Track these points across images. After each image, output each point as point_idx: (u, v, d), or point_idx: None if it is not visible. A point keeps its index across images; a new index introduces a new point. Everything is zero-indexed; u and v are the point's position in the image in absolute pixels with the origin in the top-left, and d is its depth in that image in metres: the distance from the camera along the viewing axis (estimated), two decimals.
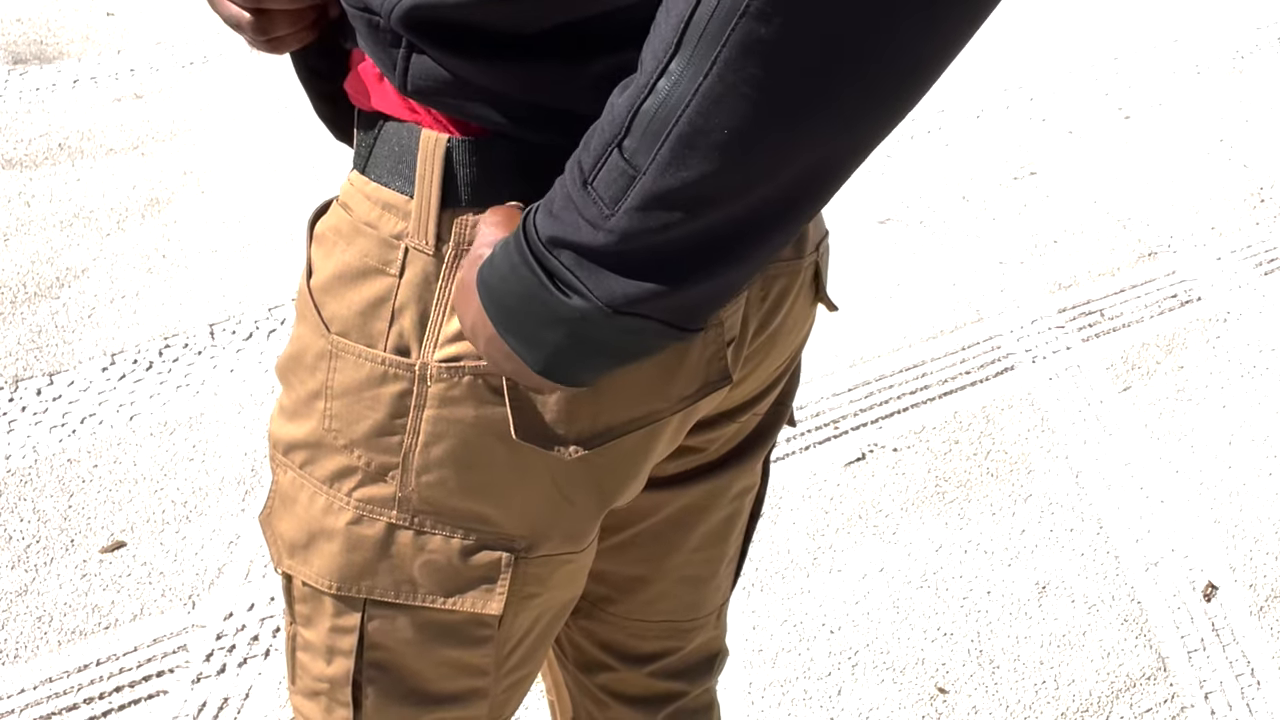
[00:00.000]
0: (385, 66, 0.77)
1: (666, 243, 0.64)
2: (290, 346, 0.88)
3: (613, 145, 0.63)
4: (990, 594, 2.06)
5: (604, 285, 0.66)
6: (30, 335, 2.50)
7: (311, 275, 0.86)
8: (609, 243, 0.64)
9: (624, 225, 0.63)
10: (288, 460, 0.89)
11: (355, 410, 0.84)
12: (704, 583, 1.11)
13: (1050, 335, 2.62)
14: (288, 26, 0.82)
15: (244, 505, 2.15)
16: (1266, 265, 2.86)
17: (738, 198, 0.62)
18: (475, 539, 0.86)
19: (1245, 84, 3.59)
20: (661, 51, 0.60)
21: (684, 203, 0.62)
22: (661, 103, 0.60)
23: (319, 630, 0.93)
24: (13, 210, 2.87)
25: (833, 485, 2.24)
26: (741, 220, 0.64)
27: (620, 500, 0.90)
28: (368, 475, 0.85)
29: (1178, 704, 1.90)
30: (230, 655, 1.90)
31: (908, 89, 0.61)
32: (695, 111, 0.59)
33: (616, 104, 0.63)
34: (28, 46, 3.55)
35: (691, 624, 1.14)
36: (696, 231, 0.63)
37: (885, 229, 2.92)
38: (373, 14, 0.75)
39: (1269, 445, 2.37)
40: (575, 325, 0.68)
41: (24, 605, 1.96)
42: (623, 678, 1.15)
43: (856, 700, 1.88)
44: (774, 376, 0.98)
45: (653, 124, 0.61)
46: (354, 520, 0.87)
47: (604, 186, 0.63)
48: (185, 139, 3.17)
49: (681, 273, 0.65)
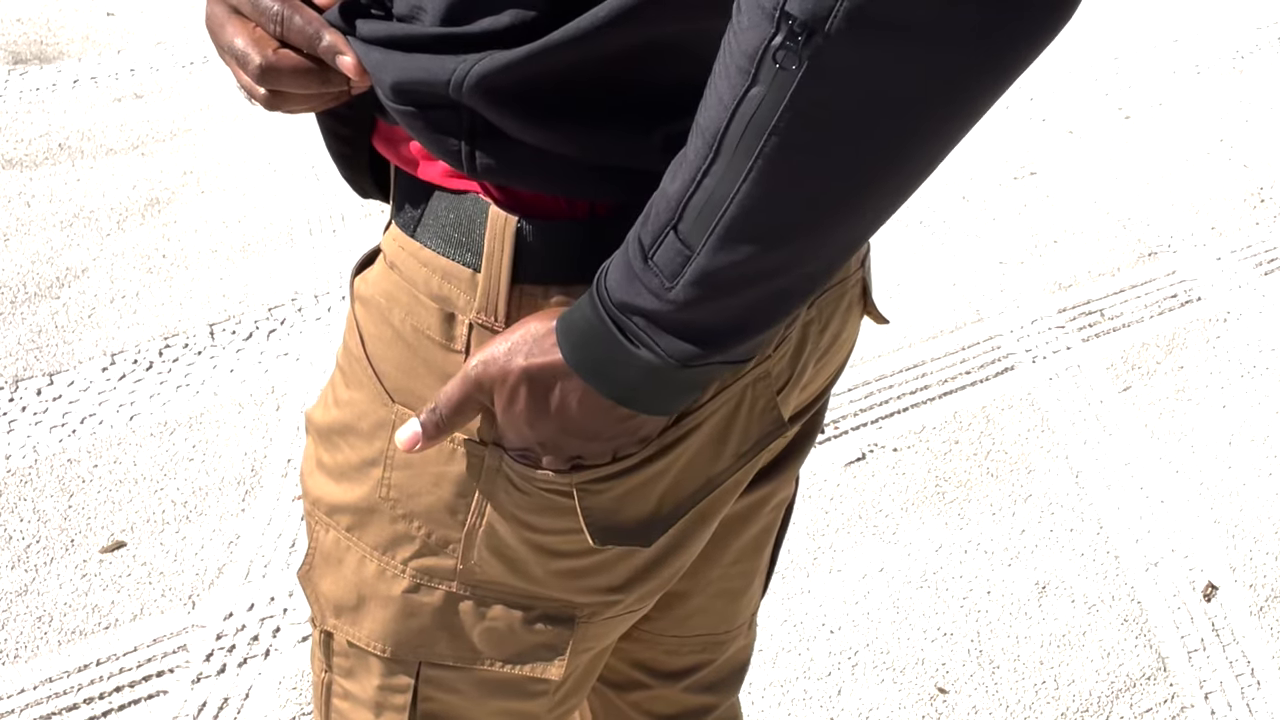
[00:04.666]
0: (442, 154, 0.75)
1: (722, 309, 0.68)
2: (336, 409, 0.86)
3: (668, 228, 0.66)
4: (990, 594, 2.06)
5: (671, 345, 0.70)
6: (30, 335, 2.50)
7: (364, 340, 0.83)
8: (670, 311, 0.68)
9: (683, 297, 0.67)
10: (330, 521, 0.87)
11: (418, 484, 0.82)
12: (739, 594, 1.10)
13: (1050, 335, 2.62)
14: (303, 105, 0.78)
15: (244, 505, 2.15)
16: (1266, 265, 2.86)
17: (785, 272, 0.67)
18: (540, 610, 0.85)
19: (1245, 84, 3.59)
20: (705, 151, 0.64)
21: (735, 279, 0.66)
22: (708, 199, 0.64)
23: (364, 685, 0.91)
24: (13, 210, 2.87)
25: (833, 485, 2.24)
26: (790, 286, 0.69)
27: (689, 561, 0.90)
28: (427, 547, 0.84)
29: (1178, 704, 1.90)
30: (230, 655, 1.90)
31: (935, 163, 0.65)
32: (738, 207, 0.63)
33: (670, 190, 0.66)
34: (28, 46, 3.55)
35: (726, 635, 1.13)
36: (748, 300, 0.68)
37: (885, 229, 2.92)
38: (429, 102, 0.72)
39: (1269, 445, 2.37)
40: (649, 373, 0.71)
41: (24, 605, 1.96)
42: (656, 695, 1.14)
43: (856, 700, 1.88)
44: (820, 390, 0.98)
45: (703, 214, 0.65)
46: (411, 589, 0.85)
47: (663, 262, 0.67)
48: (185, 139, 3.17)
49: (736, 333, 0.70)
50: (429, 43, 0.71)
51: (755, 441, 0.85)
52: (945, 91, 0.60)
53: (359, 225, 2.87)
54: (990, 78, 0.60)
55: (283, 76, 0.75)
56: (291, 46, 0.76)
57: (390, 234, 0.82)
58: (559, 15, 0.68)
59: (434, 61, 0.71)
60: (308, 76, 0.75)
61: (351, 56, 0.74)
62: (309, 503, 0.89)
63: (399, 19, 0.73)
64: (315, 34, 0.74)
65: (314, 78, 0.75)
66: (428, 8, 0.71)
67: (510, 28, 0.69)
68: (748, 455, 0.85)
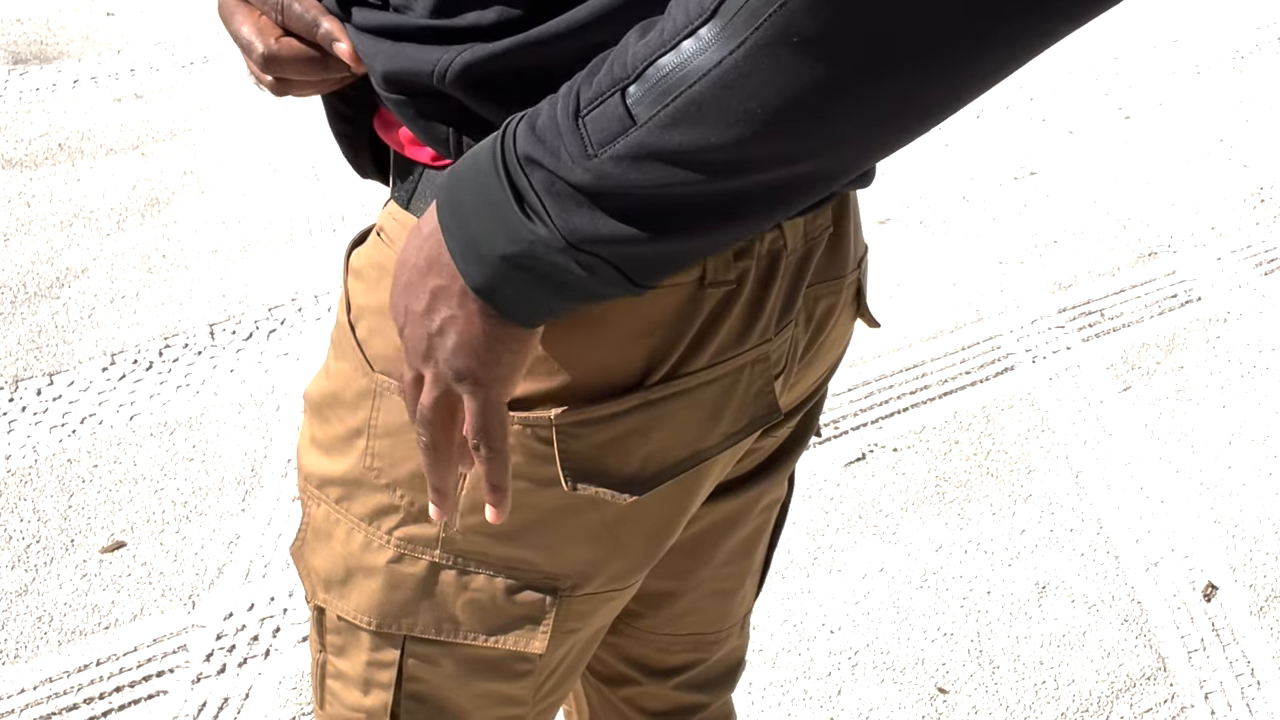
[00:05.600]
0: (430, 141, 0.75)
1: (644, 196, 0.61)
2: (326, 381, 0.87)
3: (616, 88, 0.60)
4: (990, 594, 2.06)
5: (568, 217, 0.62)
6: (30, 335, 2.50)
7: (351, 310, 0.84)
8: (583, 181, 0.61)
9: (605, 170, 0.60)
10: (321, 494, 0.88)
11: (399, 450, 0.83)
12: (731, 595, 1.11)
13: (1050, 335, 2.62)
14: (308, 90, 0.80)
15: (244, 505, 2.15)
16: (1266, 265, 2.86)
17: (737, 173, 0.60)
18: (520, 579, 0.85)
19: (1245, 84, 3.59)
20: (695, 12, 0.57)
21: (675, 164, 0.59)
22: (682, 63, 0.57)
23: (354, 662, 0.92)
24: (13, 210, 2.87)
25: (833, 485, 2.24)
26: (734, 192, 0.61)
27: (671, 539, 0.89)
28: (410, 515, 0.84)
29: (1178, 704, 1.90)
30: (230, 655, 1.90)
31: (946, 103, 0.58)
32: (715, 81, 0.57)
33: (633, 47, 0.60)
34: (28, 46, 3.55)
35: (717, 635, 1.14)
36: (680, 193, 0.60)
37: (885, 229, 2.92)
38: (417, 91, 0.73)
39: (1269, 445, 2.37)
40: (527, 248, 0.64)
41: (24, 605, 1.96)
42: (647, 691, 1.15)
43: (856, 700, 1.88)
44: (810, 390, 0.98)
45: (665, 80, 0.58)
46: (395, 559, 0.85)
47: (595, 126, 0.60)
48: (185, 139, 3.17)
49: (652, 227, 0.62)
50: (416, 33, 0.72)
51: (748, 423, 0.85)
52: (987, 18, 0.54)
53: (359, 225, 2.87)
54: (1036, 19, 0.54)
55: (285, 64, 0.77)
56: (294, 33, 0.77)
57: (386, 209, 0.83)
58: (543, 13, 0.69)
59: (420, 51, 0.72)
60: (309, 64, 0.77)
61: (348, 44, 0.75)
62: (302, 478, 0.90)
63: (393, 8, 0.74)
64: (313, 21, 0.76)
65: (315, 65, 0.77)
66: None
67: (495, 24, 0.70)
68: (738, 436, 0.85)
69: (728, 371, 0.82)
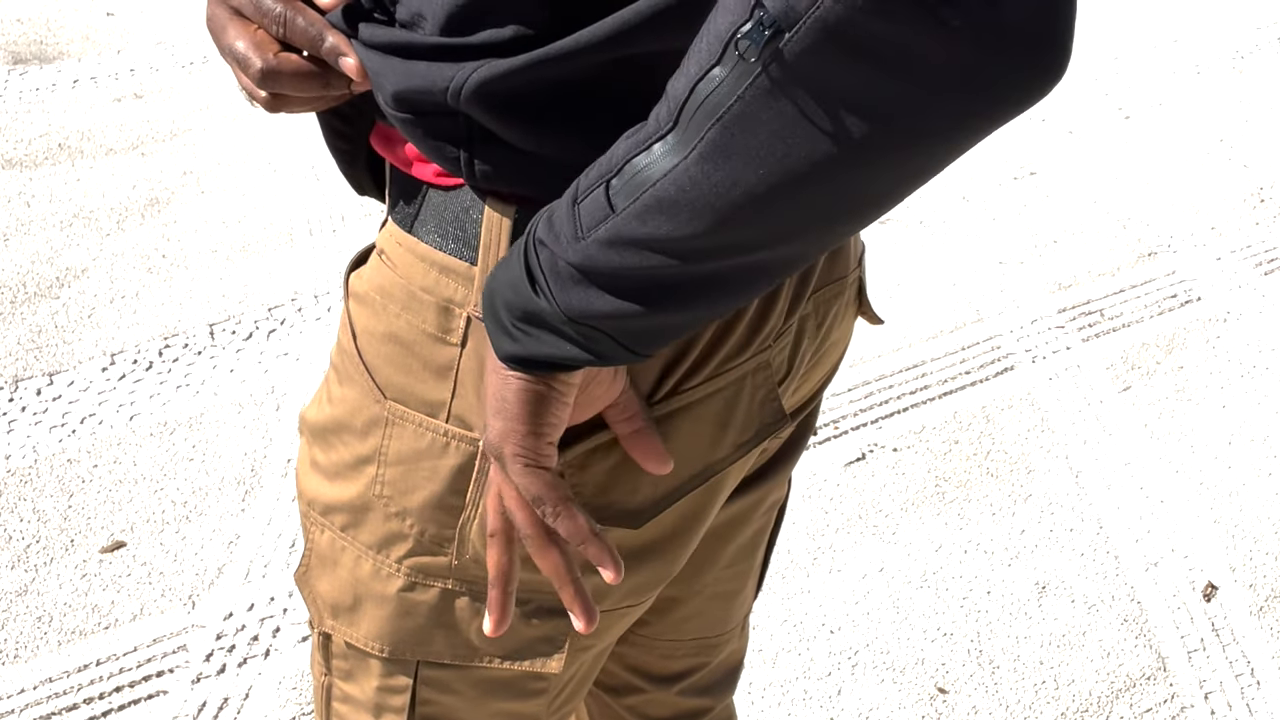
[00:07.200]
0: (440, 160, 0.75)
1: (624, 278, 0.67)
2: (330, 407, 0.86)
3: (603, 180, 0.65)
4: (990, 594, 2.06)
5: (566, 294, 0.68)
6: (30, 335, 2.50)
7: (357, 337, 0.83)
8: (575, 261, 0.67)
9: (589, 252, 0.66)
10: (325, 521, 0.87)
11: (411, 479, 0.82)
12: (733, 597, 1.11)
13: (1050, 335, 2.62)
14: (305, 107, 0.78)
15: (244, 505, 2.15)
16: (1266, 265, 2.86)
17: (705, 258, 0.65)
18: (535, 604, 0.85)
19: (1245, 84, 3.59)
20: (665, 119, 0.62)
21: (648, 249, 0.65)
22: (650, 164, 0.63)
23: (363, 687, 0.91)
24: (13, 210, 2.87)
25: (833, 485, 2.24)
26: (709, 274, 0.67)
27: (689, 552, 0.89)
28: (420, 545, 0.83)
29: (1178, 704, 1.90)
30: (230, 655, 1.90)
31: (885, 197, 0.63)
32: (672, 182, 0.62)
33: (619, 148, 0.66)
34: (28, 46, 3.55)
35: (719, 638, 1.14)
36: (661, 274, 0.66)
37: (885, 229, 2.92)
38: (427, 109, 0.72)
39: (1269, 445, 2.37)
40: (538, 320, 0.70)
41: (24, 605, 1.96)
42: (651, 699, 1.14)
43: (856, 700, 1.88)
44: (814, 389, 0.98)
45: (637, 178, 0.63)
46: (406, 587, 0.85)
47: (586, 211, 0.66)
48: (185, 139, 3.17)
49: (641, 303, 0.67)
50: (427, 51, 0.71)
51: (756, 432, 0.85)
52: (899, 134, 0.58)
53: (359, 225, 2.87)
54: (944, 138, 0.59)
55: (284, 80, 0.75)
56: (292, 48, 0.76)
57: (386, 230, 0.82)
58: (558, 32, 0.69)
59: (432, 69, 0.71)
60: (309, 79, 0.75)
61: (354, 58, 0.74)
62: (304, 503, 0.89)
63: (401, 25, 0.73)
64: (318, 35, 0.75)
65: (315, 81, 0.76)
66: (428, 16, 0.71)
67: (511, 40, 0.69)
68: (748, 445, 0.85)
69: (729, 382, 0.82)
